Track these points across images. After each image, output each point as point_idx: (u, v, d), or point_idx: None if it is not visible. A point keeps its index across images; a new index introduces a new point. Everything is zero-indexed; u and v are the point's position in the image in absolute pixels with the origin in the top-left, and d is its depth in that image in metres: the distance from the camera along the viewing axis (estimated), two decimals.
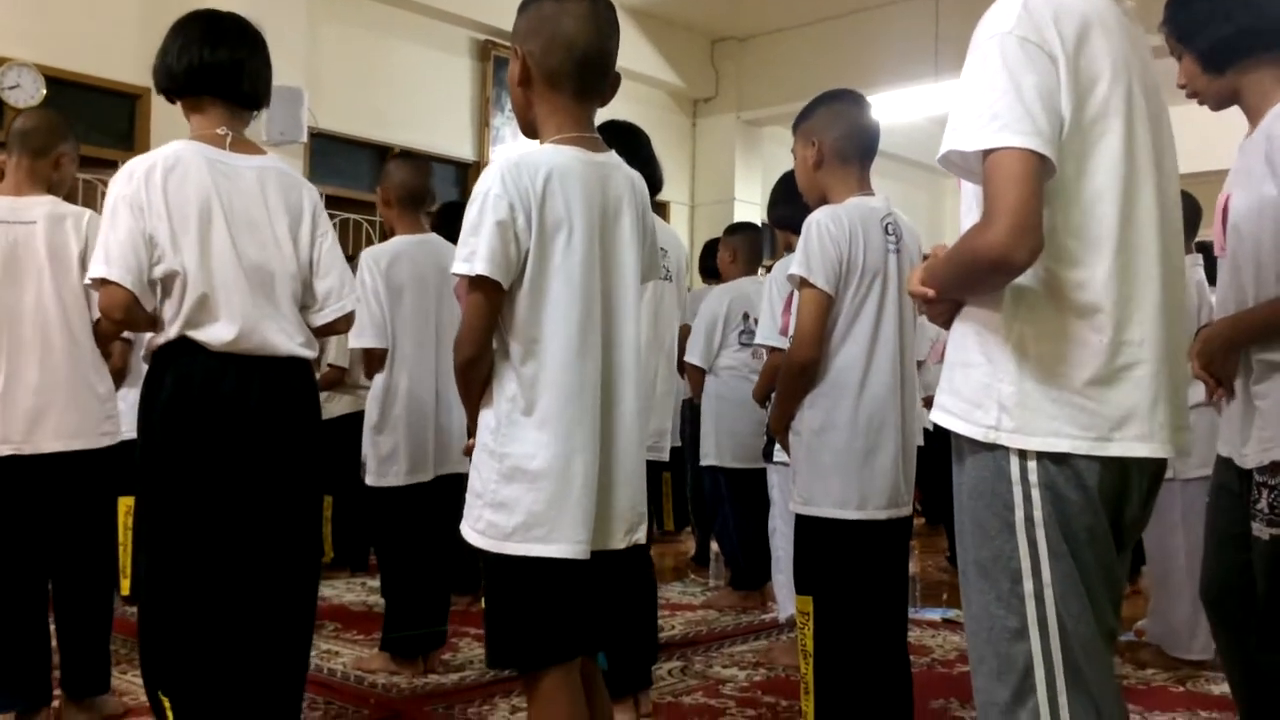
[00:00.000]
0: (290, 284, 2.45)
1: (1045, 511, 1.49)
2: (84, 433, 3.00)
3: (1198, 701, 3.46)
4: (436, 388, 3.65)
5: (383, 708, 3.29)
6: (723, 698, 3.48)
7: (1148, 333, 1.51)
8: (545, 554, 1.89)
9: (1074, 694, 1.47)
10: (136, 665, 3.70)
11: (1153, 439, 1.50)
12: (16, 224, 2.98)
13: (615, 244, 1.99)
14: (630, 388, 1.99)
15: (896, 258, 2.62)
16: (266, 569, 2.44)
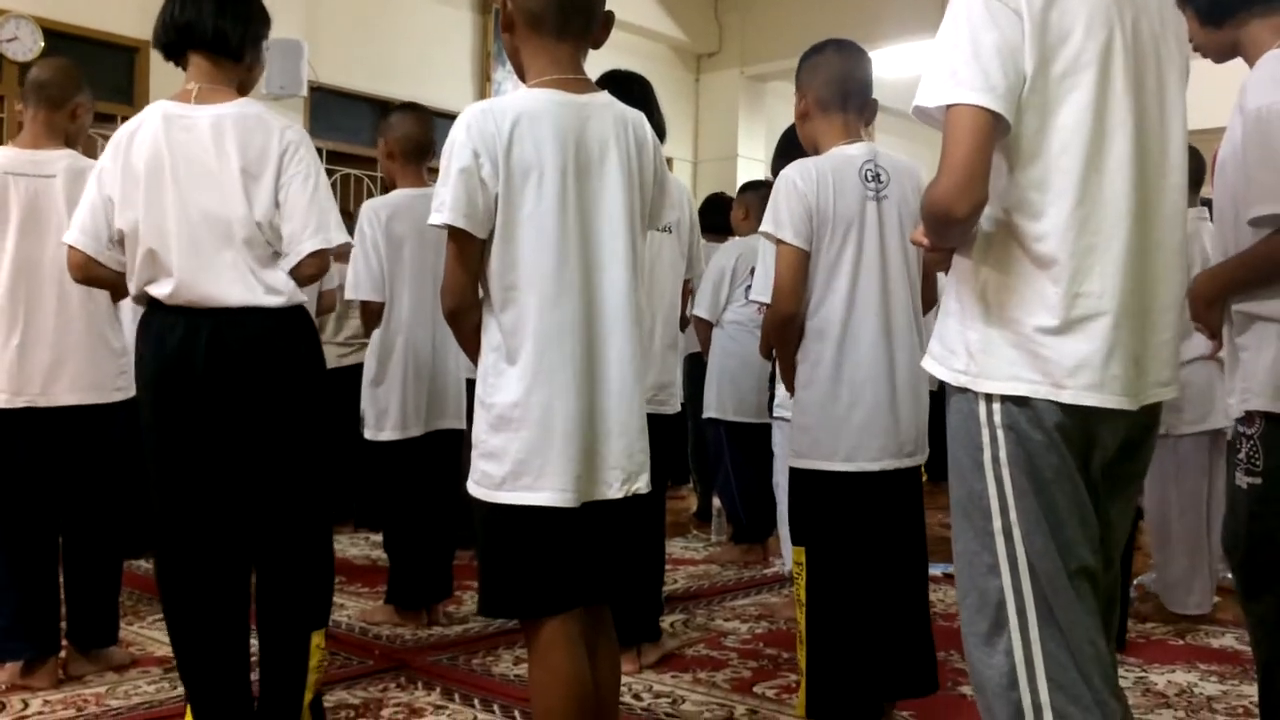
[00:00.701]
0: (245, 231, 2.36)
1: (1009, 451, 1.56)
2: (98, 387, 3.05)
3: (1198, 654, 3.48)
4: (433, 342, 3.65)
5: (387, 659, 3.32)
6: (725, 649, 3.51)
7: (1108, 285, 1.54)
8: (532, 502, 1.91)
9: (1044, 627, 1.54)
10: (143, 617, 3.75)
11: (1103, 389, 1.54)
12: (37, 177, 3.02)
13: (597, 187, 1.97)
14: (619, 334, 1.97)
15: (877, 204, 2.58)
16: (241, 520, 2.43)
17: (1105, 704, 1.54)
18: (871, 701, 2.60)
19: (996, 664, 1.57)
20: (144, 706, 2.87)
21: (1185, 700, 3.02)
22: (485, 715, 2.83)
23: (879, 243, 2.57)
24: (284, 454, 2.42)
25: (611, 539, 2.04)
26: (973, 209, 1.52)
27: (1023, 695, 1.54)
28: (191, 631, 2.41)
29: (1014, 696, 1.55)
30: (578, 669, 1.94)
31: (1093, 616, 1.57)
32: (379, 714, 2.83)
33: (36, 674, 3.00)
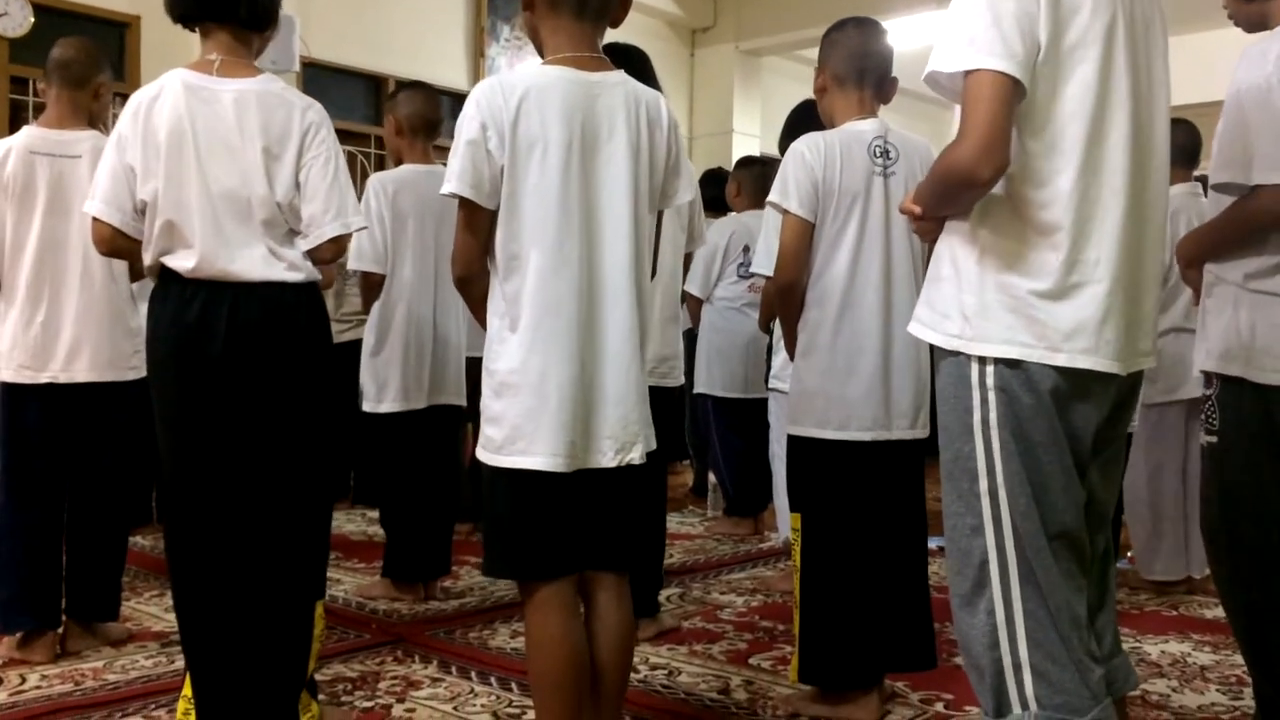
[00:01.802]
0: (265, 212, 2.37)
1: (999, 413, 1.59)
2: (115, 365, 3.10)
3: (1190, 625, 3.50)
4: (434, 318, 3.66)
5: (384, 632, 3.33)
6: (720, 622, 3.53)
7: (1104, 253, 1.58)
8: (524, 466, 1.96)
9: (1025, 587, 1.57)
10: (140, 593, 3.76)
11: (1097, 353, 1.57)
12: (63, 157, 3.05)
13: (604, 162, 2.00)
14: (619, 306, 2.00)
15: (884, 180, 2.61)
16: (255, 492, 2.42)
17: (1082, 663, 1.57)
18: (864, 669, 2.62)
19: (979, 624, 1.60)
20: (141, 681, 2.88)
21: (1178, 670, 3.04)
22: (482, 687, 2.84)
23: (884, 218, 2.60)
24: (298, 426, 2.44)
25: (606, 508, 2.06)
26: (995, 172, 1.54)
27: (1003, 654, 1.58)
28: (200, 604, 2.40)
29: (995, 655, 1.59)
30: (566, 633, 1.98)
31: (1072, 580, 1.59)
32: (376, 686, 2.85)
33: (35, 646, 3.02)
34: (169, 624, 3.42)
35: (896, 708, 2.69)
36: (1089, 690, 1.55)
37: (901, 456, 2.65)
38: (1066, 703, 1.54)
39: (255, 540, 2.41)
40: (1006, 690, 1.57)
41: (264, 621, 2.41)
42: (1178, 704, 2.76)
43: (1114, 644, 1.70)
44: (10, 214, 3.04)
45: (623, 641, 2.08)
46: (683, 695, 2.80)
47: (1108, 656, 1.68)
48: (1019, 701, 1.56)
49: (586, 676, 1.99)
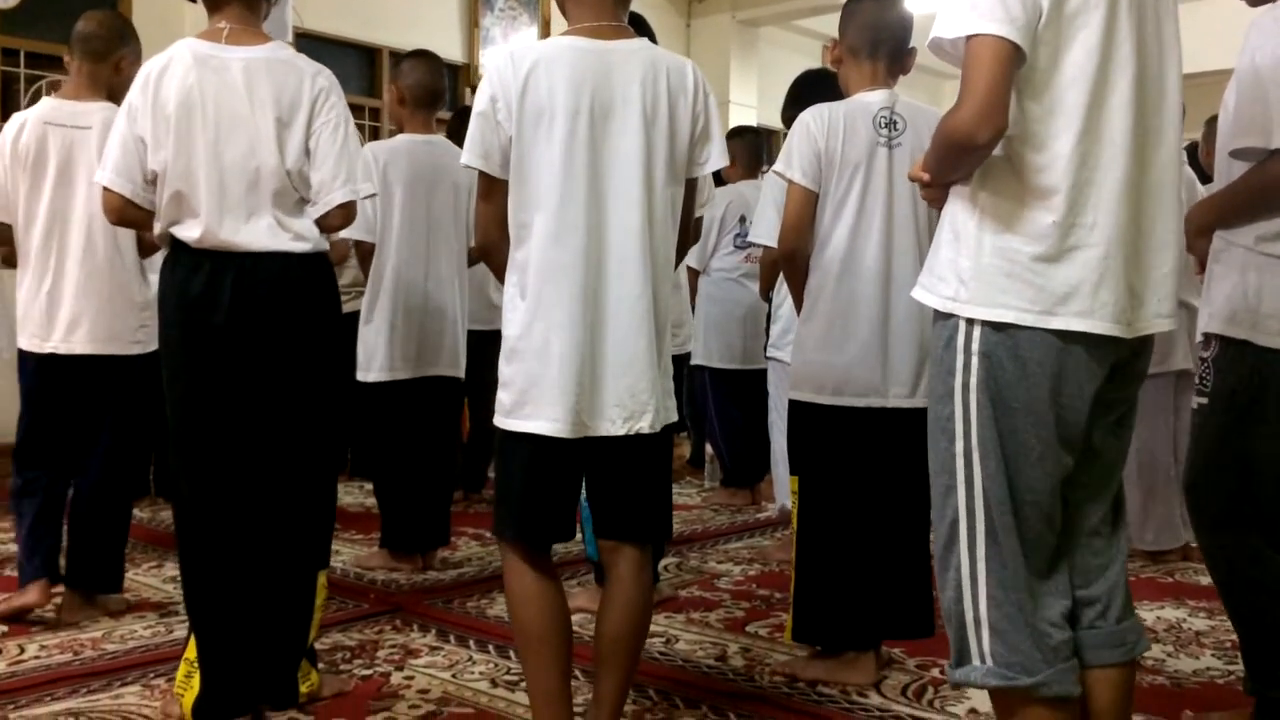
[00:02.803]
0: (275, 182, 2.37)
1: (980, 378, 1.61)
2: (117, 339, 3.11)
3: (1186, 591, 3.52)
4: (425, 289, 3.64)
5: (382, 602, 3.34)
6: (718, 591, 3.54)
7: (1102, 217, 1.58)
8: (528, 430, 2.00)
9: (989, 549, 1.62)
10: (138, 564, 3.76)
11: (1093, 315, 1.58)
12: (73, 129, 3.07)
13: (616, 130, 2.01)
14: (630, 275, 2.00)
15: (888, 151, 2.63)
16: (259, 461, 2.43)
17: (1036, 627, 1.60)
18: (859, 631, 2.65)
19: (949, 579, 1.66)
20: (140, 650, 2.88)
21: (1174, 635, 3.06)
22: (480, 655, 2.85)
23: (886, 188, 2.62)
24: (301, 397, 2.44)
25: (617, 476, 2.07)
26: (994, 135, 1.56)
27: (966, 609, 1.64)
28: (204, 571, 2.41)
29: (959, 609, 1.65)
30: (540, 590, 2.04)
31: (1037, 547, 1.62)
32: (374, 655, 2.85)
33: (29, 589, 3.07)
34: (167, 595, 3.43)
35: (893, 673, 2.70)
36: (1040, 653, 1.59)
37: (901, 425, 2.65)
38: (1018, 662, 1.60)
39: (259, 509, 2.43)
40: (968, 643, 1.64)
41: (266, 590, 2.43)
42: (1173, 669, 2.77)
43: (1124, 607, 1.70)
44: (24, 184, 3.08)
45: (637, 615, 2.08)
46: (680, 662, 2.82)
47: (1118, 619, 1.69)
48: (978, 655, 1.63)
49: (562, 634, 2.04)
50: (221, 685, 2.35)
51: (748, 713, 2.43)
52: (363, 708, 2.47)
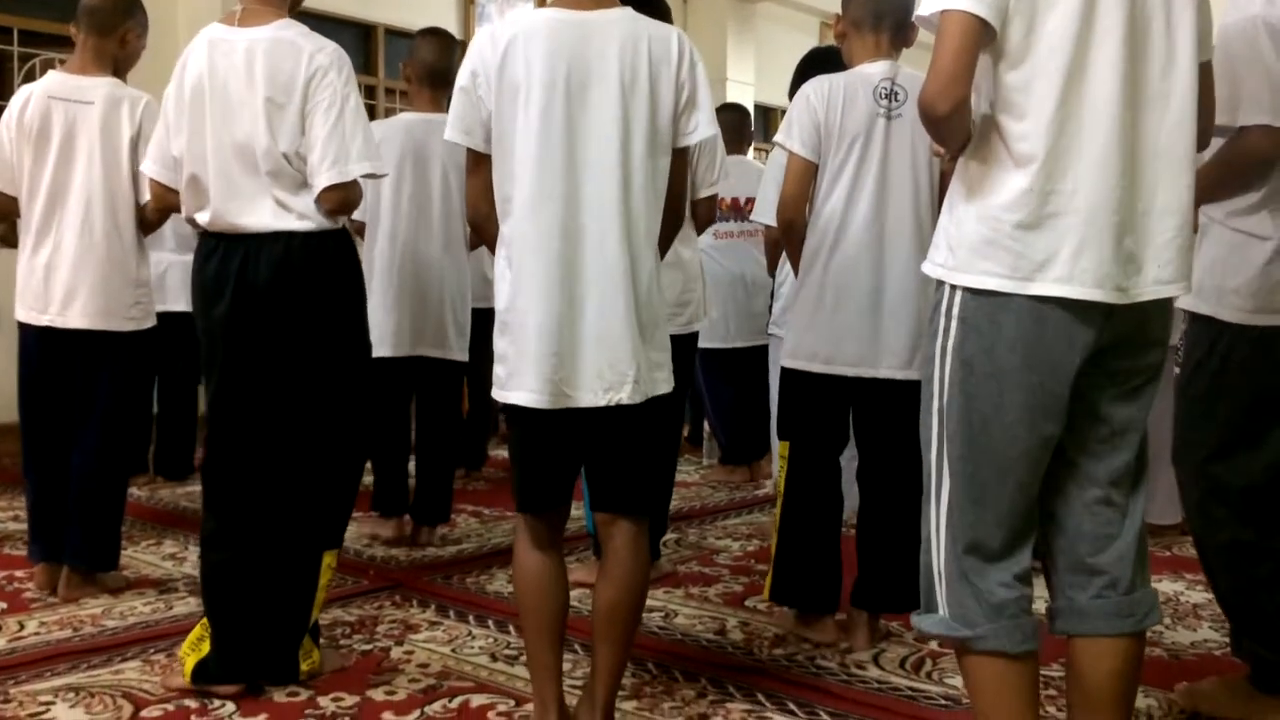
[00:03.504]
0: (270, 164, 2.38)
1: (956, 341, 1.65)
2: (109, 314, 3.11)
3: (1183, 565, 3.53)
4: (414, 270, 3.62)
5: (382, 578, 3.34)
6: (716, 566, 3.55)
7: (1081, 184, 1.60)
8: (513, 401, 2.03)
9: (951, 507, 1.67)
10: (137, 542, 3.77)
11: (1072, 281, 1.60)
12: (76, 103, 3.07)
13: (594, 101, 2.00)
14: (607, 247, 2.00)
15: (887, 122, 2.64)
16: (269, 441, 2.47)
17: (976, 584, 1.66)
18: (829, 595, 2.74)
19: (923, 531, 1.73)
20: (140, 626, 2.89)
21: (1171, 608, 3.07)
22: (480, 630, 2.86)
23: (882, 159, 2.64)
24: (310, 376, 2.45)
25: (602, 448, 2.08)
26: (953, 107, 1.60)
27: (933, 560, 1.71)
28: (215, 541, 2.48)
29: (928, 560, 1.72)
30: (536, 562, 2.08)
31: (995, 511, 1.66)
32: (374, 630, 2.86)
33: (41, 575, 3.13)
34: (166, 572, 3.44)
35: (891, 646, 2.71)
36: (981, 609, 1.65)
37: (893, 396, 2.66)
38: (961, 615, 1.67)
39: (270, 486, 2.45)
40: (934, 592, 1.71)
41: (272, 565, 2.45)
42: (1170, 641, 2.78)
43: (1134, 579, 1.70)
44: (28, 157, 3.08)
45: (633, 588, 2.09)
46: (679, 636, 2.82)
47: (1126, 590, 1.69)
48: (940, 605, 1.70)
49: (556, 605, 2.07)
50: (224, 653, 2.39)
51: (746, 685, 2.44)
52: (363, 682, 2.48)
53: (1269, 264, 2.14)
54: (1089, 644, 1.68)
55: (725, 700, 2.36)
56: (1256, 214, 2.16)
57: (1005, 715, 1.66)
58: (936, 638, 1.73)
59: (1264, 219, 2.15)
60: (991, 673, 1.66)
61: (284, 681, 2.43)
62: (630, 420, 2.06)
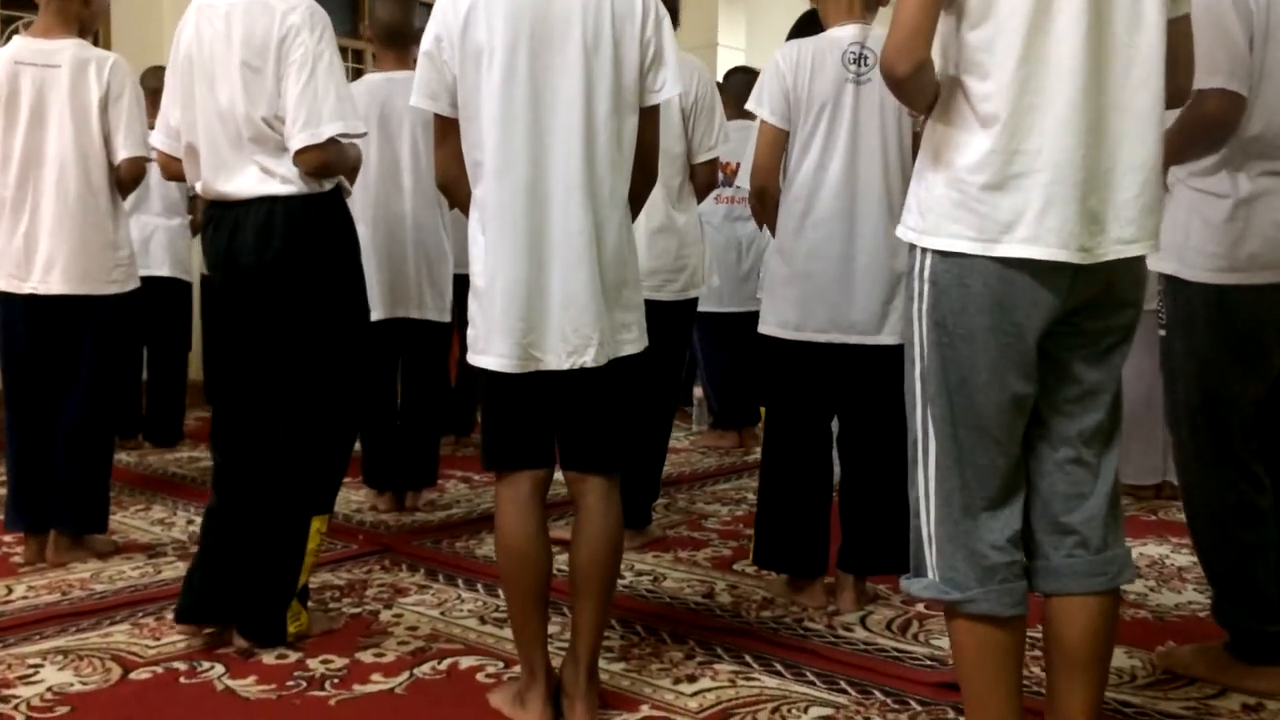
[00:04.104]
0: (250, 129, 2.38)
1: (929, 304, 1.66)
2: (90, 278, 3.10)
3: (1169, 529, 3.55)
4: (387, 231, 3.58)
5: (370, 542, 3.35)
6: (705, 530, 3.56)
7: (1046, 143, 1.58)
8: (481, 364, 2.04)
9: (938, 469, 1.68)
10: (126, 507, 3.77)
11: (1037, 242, 1.59)
12: (44, 67, 3.04)
13: (557, 63, 1.98)
14: (571, 209, 1.99)
15: (856, 87, 2.64)
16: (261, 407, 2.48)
17: (971, 548, 1.65)
18: (814, 560, 2.76)
19: (911, 497, 1.72)
20: (129, 590, 2.89)
21: (1156, 570, 3.09)
22: (469, 594, 2.86)
23: (852, 124, 2.64)
24: (301, 340, 2.44)
25: (571, 409, 2.08)
26: (912, 68, 1.60)
27: (922, 525, 1.71)
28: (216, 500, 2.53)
29: (917, 524, 1.71)
30: (517, 526, 2.07)
31: (979, 472, 1.65)
32: (363, 594, 2.87)
33: (29, 547, 3.12)
34: (155, 537, 3.44)
35: (878, 609, 2.73)
36: (974, 572, 1.65)
37: (865, 362, 2.68)
38: (952, 579, 1.66)
39: (264, 452, 2.47)
40: (923, 556, 1.71)
41: (259, 529, 2.46)
42: (1155, 603, 2.80)
43: (1106, 538, 1.70)
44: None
45: (605, 545, 2.09)
46: (668, 600, 2.83)
47: (1098, 549, 1.69)
48: (930, 568, 1.70)
49: (537, 570, 2.07)
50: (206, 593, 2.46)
51: (734, 647, 2.46)
52: (352, 644, 2.49)
53: (1228, 222, 2.15)
54: (1063, 603, 1.69)
55: (713, 661, 2.37)
56: (1216, 174, 2.18)
57: (990, 679, 1.66)
58: (926, 601, 1.74)
59: (1223, 178, 2.17)
60: (979, 637, 1.66)
61: (271, 643, 2.44)
62: (596, 382, 2.05)
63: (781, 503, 2.77)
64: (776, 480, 2.79)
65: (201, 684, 2.28)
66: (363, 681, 2.28)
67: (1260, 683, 2.20)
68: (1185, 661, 2.31)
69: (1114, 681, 2.24)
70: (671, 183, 3.25)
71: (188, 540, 3.38)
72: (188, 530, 3.51)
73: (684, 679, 2.28)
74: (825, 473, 2.78)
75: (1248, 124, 2.13)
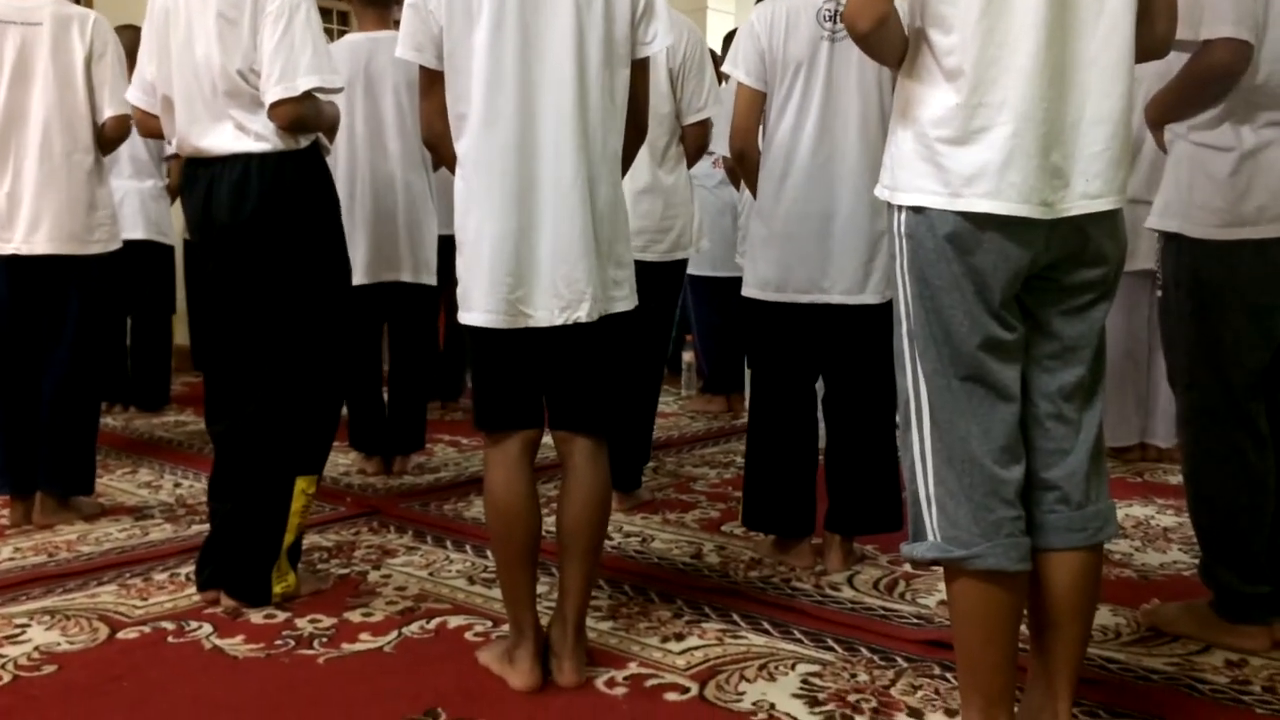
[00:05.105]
0: (226, 83, 2.37)
1: (908, 259, 1.64)
2: (74, 238, 3.08)
3: (1155, 490, 3.57)
4: (371, 192, 3.54)
5: (359, 505, 3.35)
6: (693, 493, 3.57)
7: (1010, 96, 1.57)
8: (469, 321, 2.02)
9: (933, 427, 1.66)
10: (112, 470, 3.76)
11: (999, 196, 1.57)
12: (26, 25, 3.01)
13: (547, 16, 1.96)
14: (562, 162, 1.97)
15: (831, 45, 2.62)
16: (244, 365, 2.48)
17: (976, 501, 1.63)
18: (800, 520, 2.76)
19: (907, 460, 1.70)
20: (116, 551, 2.89)
21: (1142, 531, 3.10)
22: (458, 555, 2.87)
23: (826, 82, 2.62)
24: (281, 299, 2.43)
25: (561, 367, 2.07)
26: (874, 23, 1.60)
27: (919, 486, 1.68)
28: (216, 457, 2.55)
29: (914, 487, 1.69)
30: (505, 486, 2.06)
31: (980, 423, 1.63)
32: (352, 555, 2.87)
33: (14, 509, 3.11)
34: (142, 499, 3.43)
35: (865, 568, 2.74)
36: (978, 528, 1.62)
37: (849, 321, 2.68)
38: (956, 536, 1.64)
39: (245, 410, 2.47)
40: (922, 519, 1.68)
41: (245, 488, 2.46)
42: (1140, 562, 2.82)
43: (1086, 494, 1.69)
44: None
45: (592, 505, 2.09)
46: (656, 560, 2.84)
47: (1078, 505, 1.69)
48: (930, 531, 1.67)
49: (525, 530, 2.06)
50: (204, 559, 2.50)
51: (722, 606, 2.46)
52: (340, 604, 2.49)
53: (1233, 175, 2.13)
54: (1045, 558, 1.69)
55: (700, 621, 2.38)
56: (1218, 127, 2.16)
57: (987, 638, 1.64)
58: (929, 562, 1.70)
59: (1226, 131, 2.15)
60: (981, 595, 1.63)
61: (256, 603, 2.44)
62: (587, 339, 2.04)
63: (767, 464, 2.78)
64: (762, 442, 2.80)
65: (190, 643, 2.27)
66: (351, 640, 2.28)
67: (1244, 640, 2.21)
68: (1170, 618, 2.32)
69: (1098, 639, 2.25)
70: (657, 143, 3.23)
71: (174, 503, 3.38)
72: (175, 494, 3.50)
73: (672, 637, 2.29)
74: (810, 434, 2.78)
75: (1252, 74, 2.10)
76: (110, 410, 4.90)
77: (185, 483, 3.64)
